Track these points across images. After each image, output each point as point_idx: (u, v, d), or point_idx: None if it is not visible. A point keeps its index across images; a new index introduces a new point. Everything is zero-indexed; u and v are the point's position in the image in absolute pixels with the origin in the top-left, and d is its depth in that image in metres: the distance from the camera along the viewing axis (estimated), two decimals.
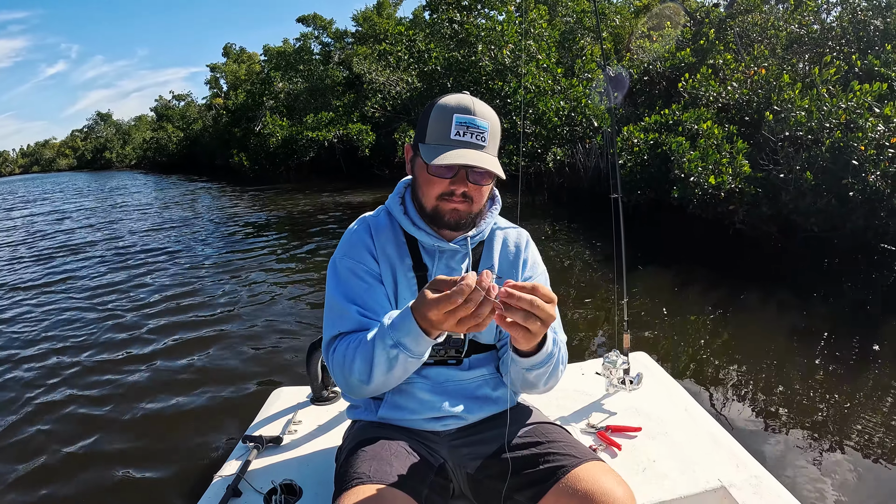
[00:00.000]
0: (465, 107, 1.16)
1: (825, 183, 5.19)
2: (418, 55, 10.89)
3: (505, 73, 8.63)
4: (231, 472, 1.52)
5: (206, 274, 6.37)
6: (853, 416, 2.74)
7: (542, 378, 1.19)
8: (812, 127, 5.39)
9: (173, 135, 40.81)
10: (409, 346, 1.02)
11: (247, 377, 3.52)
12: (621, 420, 1.71)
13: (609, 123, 8.08)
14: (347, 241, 1.30)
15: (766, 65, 7.24)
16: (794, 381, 3.13)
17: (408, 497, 1.07)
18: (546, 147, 8.29)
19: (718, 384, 3.18)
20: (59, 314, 5.17)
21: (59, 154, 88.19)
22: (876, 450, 2.45)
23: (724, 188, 5.10)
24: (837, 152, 5.18)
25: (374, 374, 1.08)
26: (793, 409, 2.83)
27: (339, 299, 1.22)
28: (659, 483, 1.40)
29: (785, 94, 5.49)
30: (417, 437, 1.28)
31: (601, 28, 3.93)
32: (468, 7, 9.43)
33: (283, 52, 25.31)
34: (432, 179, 1.18)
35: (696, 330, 4.07)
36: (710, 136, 5.51)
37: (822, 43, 7.99)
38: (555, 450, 1.19)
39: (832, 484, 2.23)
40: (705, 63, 8.41)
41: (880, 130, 4.99)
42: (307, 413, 1.88)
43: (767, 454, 2.42)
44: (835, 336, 3.74)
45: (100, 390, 3.49)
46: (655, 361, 2.12)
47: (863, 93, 5.27)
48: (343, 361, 1.13)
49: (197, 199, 16.08)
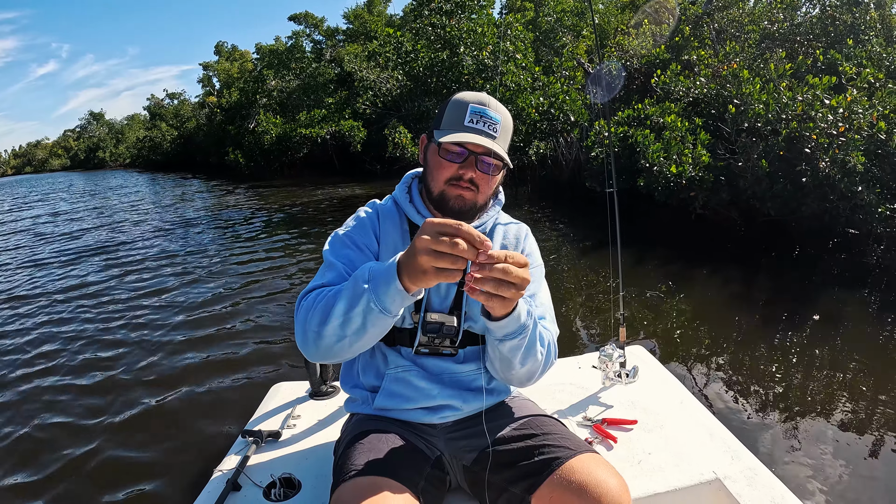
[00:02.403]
0: (481, 100, 1.22)
1: (781, 170, 5.59)
2: (405, 56, 11.30)
3: (485, 73, 9.04)
4: (230, 466, 1.53)
5: (204, 270, 6.39)
6: (849, 408, 2.77)
7: (517, 353, 1.16)
8: (770, 118, 5.79)
9: (167, 133, 40.95)
10: (379, 290, 0.98)
11: (245, 372, 3.55)
12: (617, 413, 1.73)
13: (586, 118, 8.48)
14: (355, 218, 1.33)
15: (738, 60, 7.62)
16: (788, 374, 3.16)
17: (404, 488, 1.08)
18: (527, 141, 8.69)
19: (714, 377, 3.20)
20: (58, 313, 5.17)
21: (51, 154, 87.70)
22: (870, 442, 2.48)
23: (685, 176, 5.49)
24: (794, 141, 5.58)
25: (332, 314, 1.04)
26: (787, 402, 2.86)
27: (329, 258, 1.24)
28: (654, 475, 1.42)
29: (744, 89, 5.88)
30: (414, 429, 1.30)
31: (582, 26, 4.30)
32: (450, 12, 9.84)
33: (275, 51, 25.55)
34: (442, 163, 1.21)
35: (689, 320, 4.11)
36: (674, 129, 5.90)
37: (791, 39, 8.38)
38: (549, 442, 1.20)
39: (826, 476, 2.27)
40: (680, 59, 8.80)
41: (830, 120, 5.39)
42: (306, 408, 1.89)
43: (762, 447, 2.45)
44: (833, 330, 3.77)
45: (100, 386, 3.52)
46: (651, 354, 2.15)
47: (815, 86, 5.66)
48: (312, 304, 1.09)
49: (194, 197, 16.24)
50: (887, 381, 3.01)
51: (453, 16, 9.63)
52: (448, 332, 1.26)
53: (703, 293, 4.76)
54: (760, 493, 1.34)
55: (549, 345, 1.25)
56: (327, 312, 1.05)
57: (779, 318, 4.02)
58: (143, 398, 3.30)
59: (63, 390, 3.51)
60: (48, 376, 3.75)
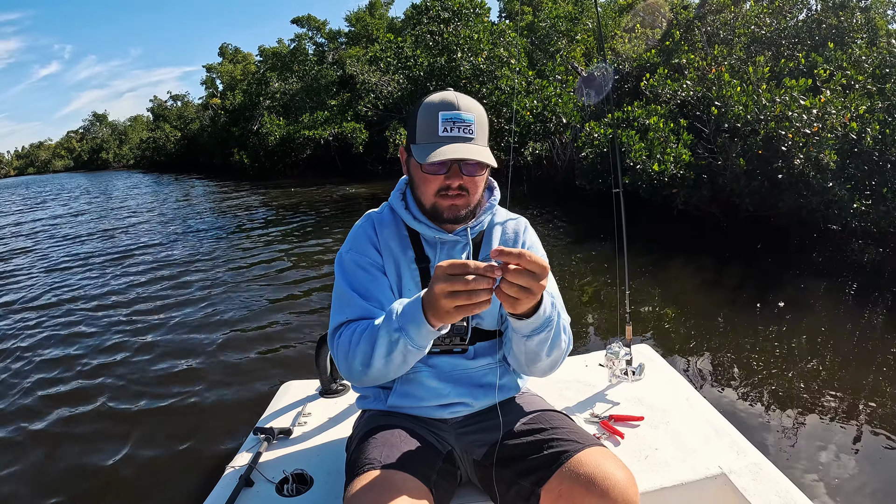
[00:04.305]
0: (449, 102, 1.19)
1: (759, 168, 5.94)
2: (405, 60, 11.72)
3: (482, 77, 9.44)
4: (243, 462, 1.55)
5: (216, 270, 6.43)
6: (855, 404, 2.79)
7: (545, 346, 1.18)
8: (749, 119, 6.13)
9: (171, 134, 41.43)
10: (411, 333, 1.06)
11: (256, 371, 3.58)
12: (624, 410, 1.75)
13: (578, 120, 8.84)
14: (353, 236, 1.35)
15: (726, 63, 7.94)
16: (793, 370, 3.19)
17: (417, 481, 1.10)
18: (522, 142, 9.08)
19: (719, 373, 3.23)
20: (67, 314, 5.22)
21: (54, 155, 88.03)
22: (875, 437, 2.50)
23: (667, 174, 5.85)
24: (772, 141, 5.93)
25: (374, 357, 1.12)
26: (792, 398, 2.88)
27: (345, 289, 1.27)
28: (661, 470, 1.44)
29: (724, 91, 6.22)
30: (426, 424, 1.32)
31: (577, 30, 4.63)
32: (447, 20, 10.26)
33: (278, 53, 26.00)
34: (427, 177, 1.22)
35: (695, 317, 4.15)
36: (657, 130, 6.26)
37: (777, 42, 8.70)
38: (558, 436, 1.22)
39: (830, 470, 2.28)
40: (670, 63, 9.13)
41: (804, 120, 5.73)
42: (316, 405, 1.91)
43: (767, 442, 2.47)
44: (836, 325, 3.83)
45: (113, 386, 3.56)
46: (656, 351, 2.18)
47: (791, 88, 6.00)
48: (348, 346, 1.17)
49: (201, 197, 16.46)
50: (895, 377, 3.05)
51: (450, 23, 10.05)
52: (458, 330, 1.24)
53: (686, 287, 5.02)
54: (765, 488, 1.36)
55: (567, 330, 1.27)
56: (369, 356, 1.13)
57: (779, 313, 4.08)
58: (156, 397, 3.36)
59: (74, 389, 3.56)
60: (62, 374, 3.81)
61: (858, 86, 6.53)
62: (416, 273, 1.30)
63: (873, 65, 6.84)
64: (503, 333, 1.32)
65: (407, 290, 1.29)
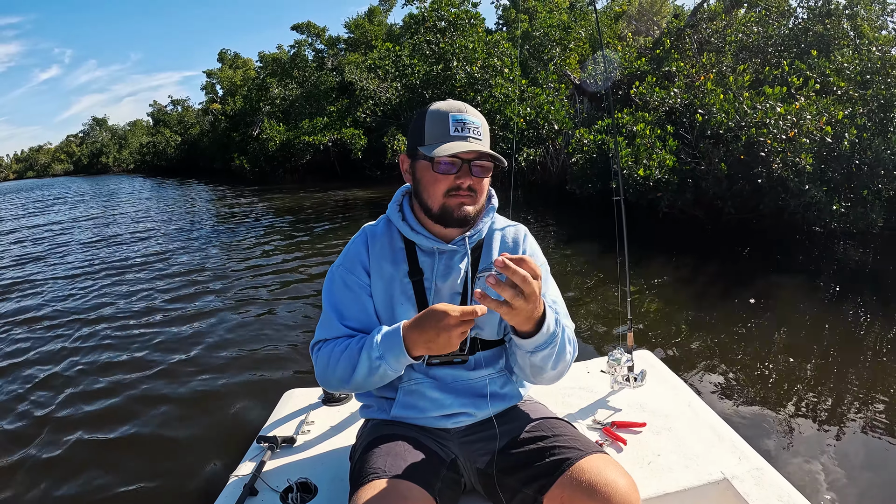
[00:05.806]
0: (459, 108, 1.24)
1: (740, 172, 6.21)
2: (403, 68, 12.02)
3: (476, 85, 9.76)
4: (247, 471, 1.55)
5: (219, 279, 6.41)
6: (856, 408, 2.79)
7: (549, 361, 1.20)
8: (731, 126, 6.39)
9: (171, 139, 41.69)
10: (390, 361, 1.16)
11: (258, 380, 3.58)
12: (626, 416, 1.76)
13: (570, 126, 9.13)
14: (345, 253, 1.38)
15: (714, 71, 8.20)
16: (795, 374, 3.20)
17: (422, 490, 1.12)
18: (517, 149, 9.36)
19: (720, 378, 3.23)
20: (70, 324, 5.15)
21: (54, 159, 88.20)
22: (877, 442, 2.50)
23: (652, 179, 6.12)
24: (753, 146, 6.19)
25: (355, 376, 1.21)
26: (794, 403, 2.88)
27: (327, 308, 1.34)
28: (663, 476, 1.45)
29: (707, 99, 6.50)
30: (429, 433, 1.33)
31: (570, 39, 4.87)
32: (443, 30, 10.59)
33: (278, 59, 26.29)
34: (437, 177, 1.23)
35: (695, 323, 4.15)
36: (644, 136, 6.53)
37: (764, 50, 8.95)
38: (560, 443, 1.23)
39: (832, 474, 2.28)
40: (660, 70, 9.40)
41: (780, 126, 5.99)
42: (319, 413, 1.91)
43: (769, 447, 2.47)
44: (837, 329, 3.82)
45: (116, 392, 3.54)
46: (658, 357, 2.18)
47: (769, 95, 6.26)
48: (327, 361, 1.26)
49: (203, 202, 16.60)
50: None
51: (446, 33, 10.36)
52: None
53: (680, 289, 5.21)
54: (768, 493, 1.37)
55: (572, 340, 1.28)
56: (349, 374, 1.22)
57: (777, 316, 4.13)
58: (158, 406, 3.36)
59: (78, 397, 3.55)
60: (64, 381, 3.81)
61: (840, 91, 6.78)
62: (409, 286, 1.31)
63: (855, 71, 7.08)
64: (506, 344, 1.36)
65: (399, 304, 1.31)
